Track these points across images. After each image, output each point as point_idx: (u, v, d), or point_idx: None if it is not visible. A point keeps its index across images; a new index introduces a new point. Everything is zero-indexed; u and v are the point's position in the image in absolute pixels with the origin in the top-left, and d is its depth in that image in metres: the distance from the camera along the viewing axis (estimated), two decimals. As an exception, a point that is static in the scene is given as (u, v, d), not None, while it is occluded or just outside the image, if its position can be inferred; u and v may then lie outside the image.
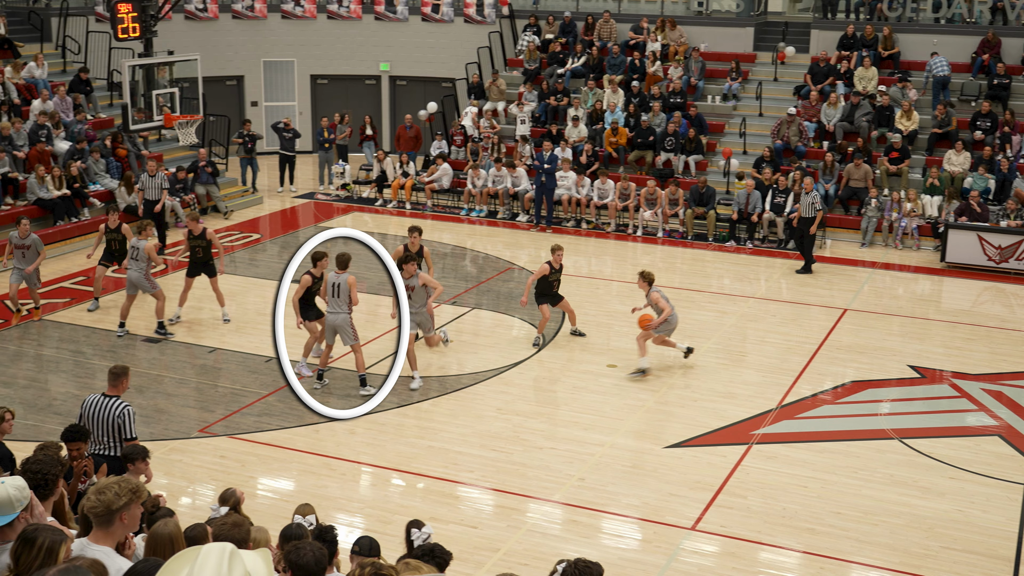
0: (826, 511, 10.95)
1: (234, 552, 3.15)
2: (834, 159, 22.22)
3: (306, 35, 29.12)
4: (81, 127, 22.21)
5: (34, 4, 26.14)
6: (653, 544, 10.31)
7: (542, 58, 26.78)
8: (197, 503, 10.94)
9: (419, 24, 28.89)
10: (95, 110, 23.78)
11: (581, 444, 12.38)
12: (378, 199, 24.44)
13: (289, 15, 28.97)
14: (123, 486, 5.15)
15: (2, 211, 19.60)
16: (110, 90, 24.81)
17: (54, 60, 24.86)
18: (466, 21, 28.53)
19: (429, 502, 11.04)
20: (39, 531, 4.74)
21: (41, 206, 20.04)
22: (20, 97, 22.43)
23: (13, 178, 20.07)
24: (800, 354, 15.41)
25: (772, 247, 21.01)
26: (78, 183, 20.71)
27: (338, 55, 29.26)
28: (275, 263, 19.71)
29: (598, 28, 26.99)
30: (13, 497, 5.41)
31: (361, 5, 28.99)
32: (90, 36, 25.06)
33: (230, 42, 28.61)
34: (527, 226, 22.41)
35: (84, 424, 9.57)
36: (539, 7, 28.53)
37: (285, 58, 29.26)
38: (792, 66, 25.64)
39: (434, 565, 6.25)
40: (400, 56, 29.12)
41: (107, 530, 5.12)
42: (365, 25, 29.08)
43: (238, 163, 25.20)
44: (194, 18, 28.14)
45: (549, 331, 16.12)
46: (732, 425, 13.01)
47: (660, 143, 23.71)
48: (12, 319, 16.03)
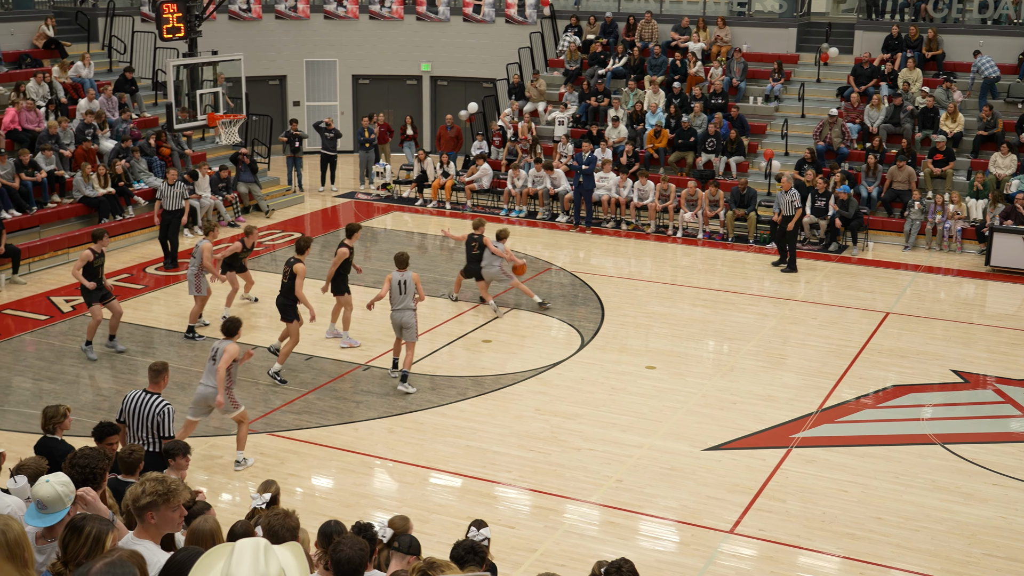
0: (866, 516, 10.86)
1: (268, 547, 3.20)
2: (876, 161, 22.02)
3: (348, 35, 29.28)
4: (126, 126, 22.46)
5: (81, 4, 26.48)
6: (691, 547, 10.28)
7: (583, 59, 26.75)
8: (237, 499, 11.04)
9: (460, 24, 28.96)
10: (140, 109, 24.06)
11: (619, 445, 12.36)
12: (418, 199, 24.53)
13: (331, 15, 29.14)
14: (150, 486, 5.19)
15: (48, 209, 19.87)
16: (155, 89, 25.09)
17: (100, 60, 25.18)
18: (507, 21, 28.57)
19: (467, 502, 11.07)
20: (87, 520, 4.82)
21: (86, 204, 20.30)
22: (67, 96, 22.74)
23: (60, 176, 20.35)
24: (841, 357, 15.29)
25: (814, 249, 20.85)
26: (123, 181, 20.96)
27: (380, 55, 29.39)
28: (315, 262, 19.81)
29: (639, 29, 26.92)
30: (62, 494, 5.51)
31: (403, 5, 29.11)
32: (136, 36, 25.35)
33: (273, 42, 28.83)
34: (566, 227, 22.40)
35: (124, 419, 9.72)
36: (580, 7, 28.51)
37: (327, 58, 29.43)
38: (835, 67, 25.44)
39: (476, 563, 6.29)
40: (441, 56, 29.21)
41: (142, 526, 5.19)
42: (407, 25, 29.20)
43: (282, 162, 25.38)
44: (238, 18, 28.38)
45: (588, 332, 16.12)
46: (772, 428, 12.93)
47: (701, 144, 23.61)
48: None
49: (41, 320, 16.41)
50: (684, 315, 17.13)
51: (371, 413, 13.23)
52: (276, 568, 3.18)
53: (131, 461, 7.87)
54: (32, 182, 19.64)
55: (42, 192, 19.88)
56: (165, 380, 9.96)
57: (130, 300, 17.20)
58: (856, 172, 22.18)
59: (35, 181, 19.71)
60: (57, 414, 8.85)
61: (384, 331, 15.86)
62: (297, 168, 25.04)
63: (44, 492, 5.49)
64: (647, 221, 22.25)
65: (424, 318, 15.82)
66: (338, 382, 14.17)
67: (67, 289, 17.11)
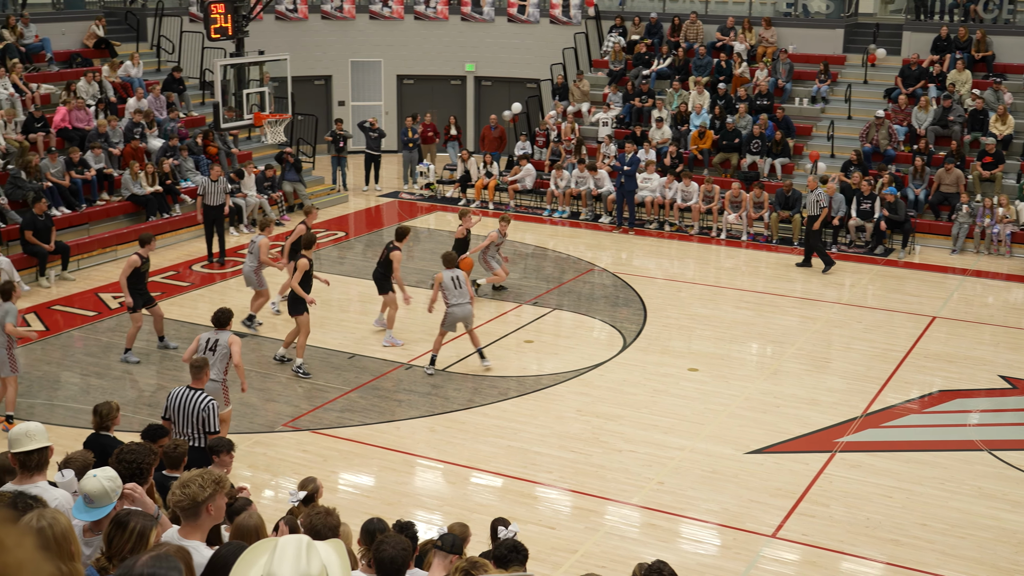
0: (911, 522, 10.75)
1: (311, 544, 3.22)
2: (924, 163, 21.78)
3: (393, 35, 29.41)
4: (174, 125, 22.71)
5: (131, 5, 26.80)
6: (732, 551, 10.22)
7: (627, 59, 26.68)
8: (280, 496, 11.12)
9: (505, 25, 28.99)
10: (187, 108, 24.31)
11: (661, 447, 12.32)
12: (461, 199, 24.58)
13: (377, 16, 29.29)
14: (206, 478, 5.27)
15: (97, 206, 20.13)
16: (202, 89, 25.35)
17: (149, 59, 25.48)
18: (552, 22, 28.55)
19: (507, 501, 11.08)
20: (131, 515, 4.88)
21: (135, 202, 20.55)
22: (116, 95, 23.02)
23: (108, 174, 20.61)
24: (886, 362, 15.14)
25: (859, 252, 20.66)
26: (170, 180, 21.20)
27: (424, 55, 29.49)
28: (360, 261, 19.94)
29: (684, 29, 26.81)
30: (108, 488, 5.58)
31: (448, 6, 29.19)
32: (184, 36, 25.62)
33: (319, 42, 29.02)
34: (609, 227, 22.36)
35: (170, 416, 9.84)
36: (625, 8, 28.45)
37: (372, 58, 29.58)
38: (883, 68, 25.18)
39: (519, 562, 6.30)
40: (485, 57, 29.25)
41: (195, 523, 5.23)
42: (451, 26, 29.28)
43: (327, 161, 25.56)
44: (284, 19, 28.60)
45: (630, 333, 16.08)
46: (815, 432, 12.83)
47: (746, 145, 23.48)
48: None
49: (89, 316, 16.64)
50: (727, 317, 17.04)
51: (413, 412, 13.29)
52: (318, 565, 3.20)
53: (176, 456, 7.95)
54: (82, 180, 19.93)
55: (91, 190, 20.16)
56: (207, 376, 10.08)
57: (175, 297, 17.40)
58: (903, 175, 21.94)
59: (84, 179, 19.99)
60: (112, 411, 8.95)
61: (426, 330, 15.94)
62: (342, 167, 25.21)
63: (91, 486, 5.56)
64: (691, 223, 22.15)
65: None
66: (380, 380, 14.24)
67: (115, 286, 17.33)
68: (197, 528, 5.23)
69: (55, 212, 19.06)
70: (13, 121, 20.38)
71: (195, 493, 5.18)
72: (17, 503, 4.87)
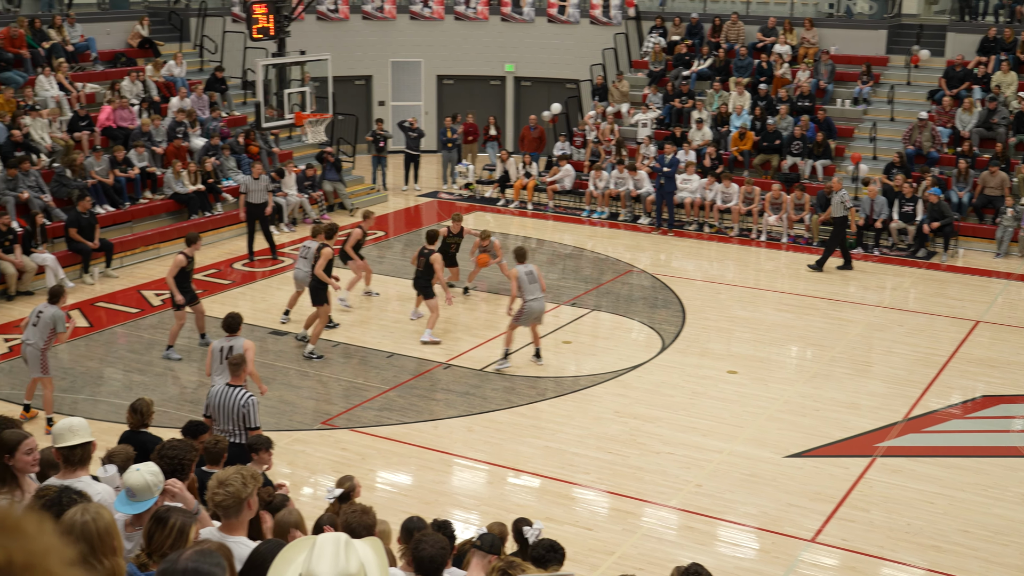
0: (953, 529, 10.63)
1: (349, 542, 3.24)
2: (968, 166, 21.53)
3: (433, 36, 29.49)
4: (216, 124, 22.90)
5: (174, 5, 27.06)
6: (771, 555, 10.16)
7: (667, 60, 26.57)
8: (318, 493, 11.17)
9: (545, 25, 28.98)
10: (229, 108, 24.51)
11: (699, 450, 12.27)
12: (500, 199, 24.61)
13: (417, 16, 29.38)
14: (245, 475, 5.32)
15: (140, 204, 20.35)
16: (244, 88, 25.55)
17: (192, 59, 25.71)
18: (592, 22, 28.51)
19: (544, 502, 11.08)
20: (171, 512, 4.92)
21: (177, 200, 20.75)
22: (160, 94, 23.25)
23: (151, 173, 20.82)
24: (928, 366, 14.98)
25: (901, 255, 20.46)
26: (212, 179, 21.38)
27: (464, 56, 29.54)
28: (399, 260, 20.00)
29: (725, 30, 26.67)
30: (151, 483, 5.64)
31: (488, 6, 29.22)
32: (226, 36, 25.83)
33: (359, 42, 29.15)
34: (648, 229, 22.29)
35: (211, 413, 9.93)
36: (666, 8, 28.34)
37: (412, 58, 29.68)
38: (926, 70, 24.91)
39: (557, 562, 6.30)
40: (525, 57, 29.26)
41: (238, 519, 5.28)
42: (491, 26, 29.31)
43: (366, 161, 25.67)
44: (325, 19, 28.75)
45: (669, 335, 16.02)
46: (856, 436, 12.72)
47: (786, 147, 23.31)
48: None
49: (132, 313, 16.82)
50: (767, 320, 16.94)
51: (451, 411, 13.32)
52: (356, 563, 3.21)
53: (216, 452, 8.01)
54: (125, 178, 20.14)
55: (135, 188, 20.38)
56: (245, 373, 10.15)
57: (217, 296, 17.55)
58: (947, 177, 21.70)
59: (128, 178, 20.21)
60: (148, 408, 9.03)
61: (465, 329, 15.99)
62: (382, 167, 25.31)
63: (134, 480, 5.62)
64: (730, 224, 22.04)
65: (504, 318, 15.84)
66: (419, 380, 14.28)
67: (158, 283, 17.51)
68: (240, 524, 5.28)
69: (99, 210, 19.28)
70: (58, 120, 20.65)
71: (237, 491, 5.22)
72: (63, 498, 4.93)
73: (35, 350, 12.37)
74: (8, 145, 18.99)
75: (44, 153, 19.70)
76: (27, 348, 12.47)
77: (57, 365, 14.71)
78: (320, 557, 3.20)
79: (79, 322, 16.16)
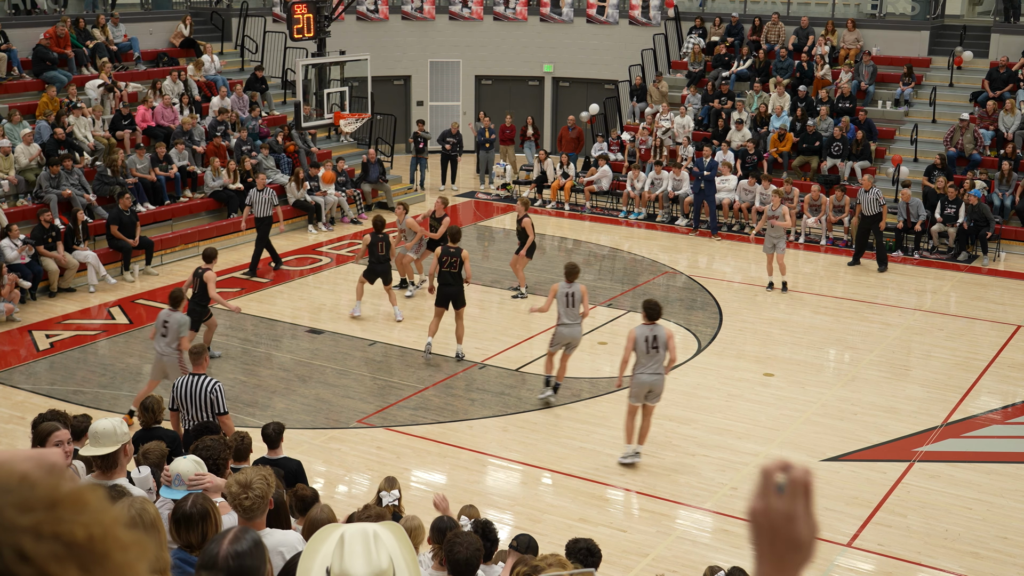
0: (991, 535, 10.51)
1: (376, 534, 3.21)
2: (1011, 168, 21.26)
3: (472, 36, 29.54)
4: (255, 123, 23.05)
5: (216, 5, 27.29)
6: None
7: (707, 60, 26.45)
8: (353, 491, 11.24)
9: (583, 26, 28.94)
10: (269, 107, 24.67)
11: (734, 453, 12.21)
12: (537, 199, 24.59)
13: (456, 16, 29.43)
14: (265, 475, 5.37)
15: (180, 203, 20.53)
16: (284, 88, 25.71)
17: (232, 59, 25.91)
18: (631, 23, 28.43)
19: (578, 503, 11.07)
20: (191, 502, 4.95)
21: (216, 199, 20.91)
22: (200, 94, 23.44)
23: (192, 171, 21.01)
24: (968, 370, 14.81)
25: (941, 258, 20.25)
26: (251, 177, 21.49)
27: (503, 56, 29.56)
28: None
29: (766, 30, 26.50)
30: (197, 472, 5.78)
31: (527, 7, 29.22)
32: (267, 36, 26.00)
33: (398, 43, 29.25)
34: (686, 230, 22.19)
35: (177, 405, 9.88)
36: (705, 9, 28.21)
37: (451, 59, 29.74)
38: (969, 71, 24.62)
39: (593, 565, 6.28)
40: (564, 57, 29.23)
41: (262, 518, 5.33)
42: (530, 26, 29.31)
43: (405, 161, 25.74)
44: (365, 19, 28.87)
45: (705, 337, 15.96)
46: (893, 441, 12.61)
47: (826, 148, 23.14)
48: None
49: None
50: (805, 322, 16.82)
51: (485, 411, 13.34)
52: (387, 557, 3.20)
53: (243, 448, 8.08)
54: (165, 177, 20.33)
55: (175, 186, 20.56)
56: (206, 361, 10.29)
57: (254, 294, 17.67)
58: (990, 180, 21.44)
59: (168, 176, 20.40)
60: (160, 406, 9.10)
61: (499, 330, 16.00)
62: (422, 167, 25.38)
63: (184, 467, 5.78)
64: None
65: (541, 319, 15.82)
66: (453, 379, 14.31)
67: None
68: (263, 522, 5.34)
69: (140, 208, 19.47)
70: (101, 119, 20.88)
71: (264, 492, 5.27)
72: (108, 494, 5.00)
73: (172, 359, 12.18)
74: (51, 143, 19.24)
75: (87, 151, 19.94)
76: (164, 360, 12.21)
77: (97, 362, 14.90)
78: (352, 556, 3.19)
79: (119, 318, 16.33)
